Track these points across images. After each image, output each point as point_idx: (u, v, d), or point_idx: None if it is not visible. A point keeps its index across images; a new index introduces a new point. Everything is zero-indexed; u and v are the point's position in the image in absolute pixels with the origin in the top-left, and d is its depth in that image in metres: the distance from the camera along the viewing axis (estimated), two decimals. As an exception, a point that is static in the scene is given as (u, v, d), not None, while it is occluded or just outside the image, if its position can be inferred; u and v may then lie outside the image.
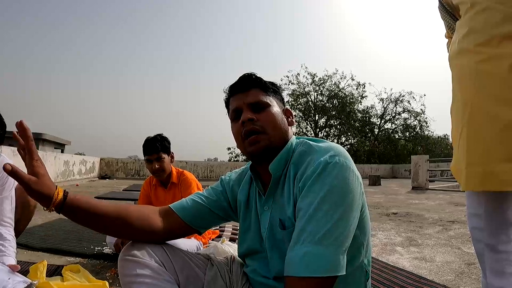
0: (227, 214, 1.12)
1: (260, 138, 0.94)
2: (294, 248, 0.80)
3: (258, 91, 0.99)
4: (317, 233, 0.77)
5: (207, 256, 1.10)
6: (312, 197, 0.82)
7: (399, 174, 20.96)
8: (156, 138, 2.27)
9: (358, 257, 0.92)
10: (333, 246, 0.77)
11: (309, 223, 0.79)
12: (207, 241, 2.41)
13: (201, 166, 16.73)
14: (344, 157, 0.86)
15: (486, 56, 0.85)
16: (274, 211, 0.97)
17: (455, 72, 0.95)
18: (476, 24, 0.88)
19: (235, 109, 0.99)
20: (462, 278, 2.06)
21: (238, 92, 1.00)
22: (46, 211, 0.90)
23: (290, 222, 0.91)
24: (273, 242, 0.96)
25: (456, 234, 3.34)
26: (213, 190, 1.14)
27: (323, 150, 0.89)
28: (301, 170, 0.90)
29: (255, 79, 1.00)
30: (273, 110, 0.97)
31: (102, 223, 0.96)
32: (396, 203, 6.14)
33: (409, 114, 28.47)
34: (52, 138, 20.19)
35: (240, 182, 1.11)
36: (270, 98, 0.99)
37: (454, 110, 0.95)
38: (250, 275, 1.05)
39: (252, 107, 0.97)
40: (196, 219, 1.06)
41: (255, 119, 0.94)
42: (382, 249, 2.77)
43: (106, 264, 2.24)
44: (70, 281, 1.72)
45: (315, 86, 28.37)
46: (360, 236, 0.90)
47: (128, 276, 0.93)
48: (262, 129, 0.94)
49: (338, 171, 0.83)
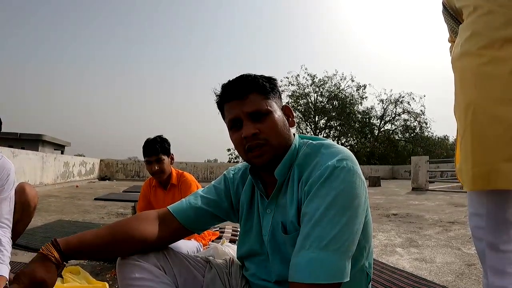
0: (227, 214, 1.08)
1: (264, 151, 0.90)
2: (299, 253, 0.79)
3: (257, 96, 0.92)
4: (323, 239, 0.77)
5: (206, 258, 1.09)
6: (319, 202, 0.80)
7: (399, 175, 20.94)
8: (156, 140, 2.26)
9: (359, 260, 0.91)
10: (339, 252, 0.77)
11: (315, 228, 0.78)
12: (207, 242, 2.41)
13: (200, 167, 16.73)
14: (352, 162, 0.85)
15: (489, 59, 0.85)
16: (276, 214, 0.95)
17: (458, 74, 0.96)
18: (478, 27, 0.89)
19: (234, 118, 0.93)
20: (462, 279, 2.06)
21: (234, 98, 0.93)
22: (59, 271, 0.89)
23: (293, 226, 0.89)
24: (274, 246, 0.95)
25: (456, 235, 3.34)
26: (214, 188, 1.09)
27: (330, 153, 0.87)
28: (307, 173, 0.88)
29: (253, 82, 0.93)
30: (274, 117, 0.92)
31: (102, 254, 0.95)
32: (396, 204, 6.13)
33: (409, 115, 28.46)
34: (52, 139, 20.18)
35: (245, 180, 1.07)
36: (270, 102, 0.93)
37: (458, 112, 0.96)
38: (249, 279, 1.04)
39: (252, 117, 0.91)
40: (195, 221, 1.04)
41: (258, 132, 0.90)
42: (382, 250, 2.77)
43: (106, 265, 2.23)
44: (70, 282, 1.72)
45: (315, 87, 28.34)
46: (363, 240, 0.89)
47: (127, 279, 0.92)
48: (265, 141, 0.90)
49: (346, 176, 0.82)
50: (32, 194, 1.81)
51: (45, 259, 0.86)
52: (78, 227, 3.52)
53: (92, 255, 0.97)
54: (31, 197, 1.79)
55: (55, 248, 0.88)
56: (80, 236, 0.93)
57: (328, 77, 28.37)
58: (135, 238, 0.94)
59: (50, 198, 6.40)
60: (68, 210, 4.81)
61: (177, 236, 1.04)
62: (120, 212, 4.81)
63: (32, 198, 1.81)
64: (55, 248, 0.88)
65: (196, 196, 1.07)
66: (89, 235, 0.94)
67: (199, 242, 2.25)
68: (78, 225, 3.62)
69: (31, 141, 18.49)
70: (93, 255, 0.96)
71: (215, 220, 1.09)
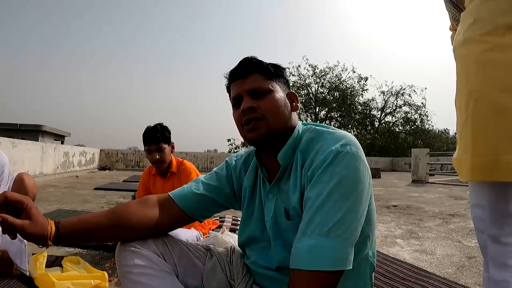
0: (229, 201, 1.07)
1: (259, 124, 0.90)
2: (301, 239, 0.77)
3: (259, 76, 0.94)
4: (326, 225, 0.75)
5: (206, 247, 1.08)
6: (321, 187, 0.78)
7: (399, 167, 20.97)
8: (157, 128, 2.23)
9: (363, 249, 0.90)
10: (341, 238, 0.74)
11: (317, 214, 0.76)
12: (207, 231, 2.40)
13: (201, 157, 16.73)
14: (356, 147, 0.83)
15: (492, 45, 0.83)
16: (279, 200, 0.94)
17: (460, 62, 0.93)
18: (481, 13, 0.86)
19: (235, 96, 0.95)
20: (463, 271, 2.05)
21: (238, 78, 0.96)
22: (42, 247, 0.88)
23: (295, 212, 0.88)
24: (277, 231, 0.93)
25: (456, 228, 3.34)
26: (216, 175, 1.08)
27: (334, 138, 0.86)
28: (310, 159, 0.86)
29: (255, 63, 0.95)
30: (274, 96, 0.93)
31: (101, 235, 0.95)
32: (396, 196, 6.14)
33: (410, 107, 28.40)
34: (52, 129, 20.18)
35: (247, 167, 1.06)
36: (272, 83, 0.94)
37: (458, 101, 0.93)
38: (250, 267, 1.02)
39: (252, 94, 0.92)
40: (196, 208, 1.03)
41: (255, 107, 0.90)
42: (382, 241, 2.77)
43: (106, 254, 2.24)
44: (70, 271, 1.72)
45: (316, 78, 28.23)
46: (367, 228, 0.88)
47: (125, 266, 0.91)
48: (262, 116, 0.90)
49: (349, 161, 0.80)
50: (31, 185, 1.79)
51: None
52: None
53: (89, 236, 0.93)
54: (30, 188, 1.78)
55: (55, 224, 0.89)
56: (79, 216, 0.94)
57: (329, 68, 28.25)
58: (133, 222, 0.94)
59: (50, 188, 6.41)
60: (67, 200, 4.81)
61: (177, 222, 1.02)
62: (120, 201, 4.82)
63: (31, 189, 1.79)
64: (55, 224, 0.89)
65: (198, 182, 1.06)
66: (88, 215, 0.95)
67: (199, 231, 2.24)
68: (77, 215, 3.60)
69: (31, 132, 18.49)
70: (90, 235, 0.93)
71: (216, 207, 1.07)
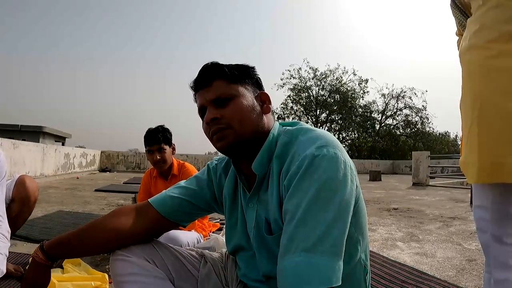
0: (209, 206, 1.04)
1: (225, 133, 0.85)
2: (284, 258, 0.71)
3: (222, 82, 0.87)
4: (308, 240, 0.69)
5: (200, 253, 1.07)
6: (299, 197, 0.72)
7: (400, 170, 20.94)
8: (158, 129, 2.25)
9: (355, 254, 0.86)
10: (328, 253, 0.69)
11: (299, 228, 0.70)
12: (207, 233, 2.40)
13: (201, 160, 16.72)
14: (334, 147, 0.76)
15: (496, 52, 0.85)
16: (259, 209, 0.90)
17: (465, 67, 0.96)
18: (487, 20, 0.89)
19: (200, 107, 0.90)
20: (463, 274, 2.05)
21: (201, 87, 0.90)
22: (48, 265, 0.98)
23: (277, 225, 0.83)
24: (261, 243, 0.90)
25: (457, 231, 3.33)
26: (196, 179, 1.05)
27: (308, 141, 0.79)
28: (286, 165, 0.80)
29: (216, 69, 0.88)
30: (239, 101, 0.86)
31: (83, 250, 0.99)
32: (396, 199, 6.13)
33: (410, 110, 28.40)
34: (52, 131, 20.22)
35: (227, 171, 1.02)
36: (236, 87, 0.87)
37: (464, 105, 0.96)
38: (242, 279, 1.01)
39: (216, 103, 0.86)
40: (176, 212, 1.00)
41: (218, 117, 0.85)
42: (383, 243, 2.77)
43: (106, 256, 2.23)
44: (71, 273, 1.72)
45: (317, 80, 28.27)
46: (356, 233, 0.84)
47: (119, 275, 0.92)
48: (227, 125, 0.85)
49: (327, 165, 0.73)
50: (33, 188, 1.77)
51: (35, 262, 0.96)
52: (78, 218, 3.52)
53: (75, 254, 1.02)
54: (31, 191, 1.75)
55: (41, 250, 0.96)
56: (60, 237, 0.98)
57: (330, 71, 28.30)
58: (108, 232, 0.95)
59: (51, 189, 6.41)
60: (68, 201, 4.81)
61: (159, 227, 1.01)
62: (120, 203, 4.81)
63: (33, 192, 1.77)
64: (42, 250, 0.96)
65: (177, 187, 1.04)
66: (67, 235, 0.98)
67: (199, 234, 2.24)
68: (78, 216, 3.62)
69: (32, 133, 18.53)
70: (75, 253, 1.01)
71: (199, 211, 1.04)
